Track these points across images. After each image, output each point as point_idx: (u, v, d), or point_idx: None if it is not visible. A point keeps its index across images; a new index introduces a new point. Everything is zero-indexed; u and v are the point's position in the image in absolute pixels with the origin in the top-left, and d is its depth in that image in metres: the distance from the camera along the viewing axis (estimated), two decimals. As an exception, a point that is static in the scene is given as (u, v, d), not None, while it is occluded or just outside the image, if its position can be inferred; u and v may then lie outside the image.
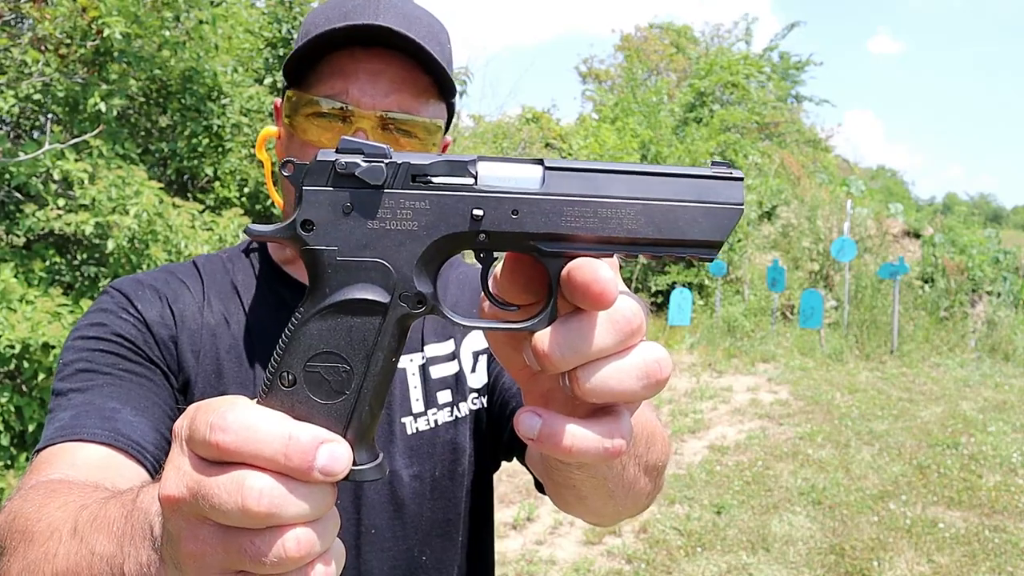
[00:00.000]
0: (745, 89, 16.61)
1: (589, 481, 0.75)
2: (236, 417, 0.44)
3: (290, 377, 0.48)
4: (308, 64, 0.98)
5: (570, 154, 13.08)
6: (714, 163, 0.51)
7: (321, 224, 0.49)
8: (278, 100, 1.09)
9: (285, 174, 0.49)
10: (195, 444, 0.45)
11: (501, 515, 4.70)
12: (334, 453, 0.45)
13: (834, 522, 4.77)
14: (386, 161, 0.49)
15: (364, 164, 0.48)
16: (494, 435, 1.10)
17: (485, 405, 1.10)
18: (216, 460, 0.45)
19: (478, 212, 0.49)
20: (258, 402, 0.48)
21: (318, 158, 0.49)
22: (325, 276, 0.49)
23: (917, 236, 13.62)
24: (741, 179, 0.50)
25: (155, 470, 0.87)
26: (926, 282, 11.67)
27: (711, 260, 0.51)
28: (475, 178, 0.49)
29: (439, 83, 1.00)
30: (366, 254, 0.49)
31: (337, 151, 0.49)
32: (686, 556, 4.34)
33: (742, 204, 0.50)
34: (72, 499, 0.68)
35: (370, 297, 0.48)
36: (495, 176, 0.49)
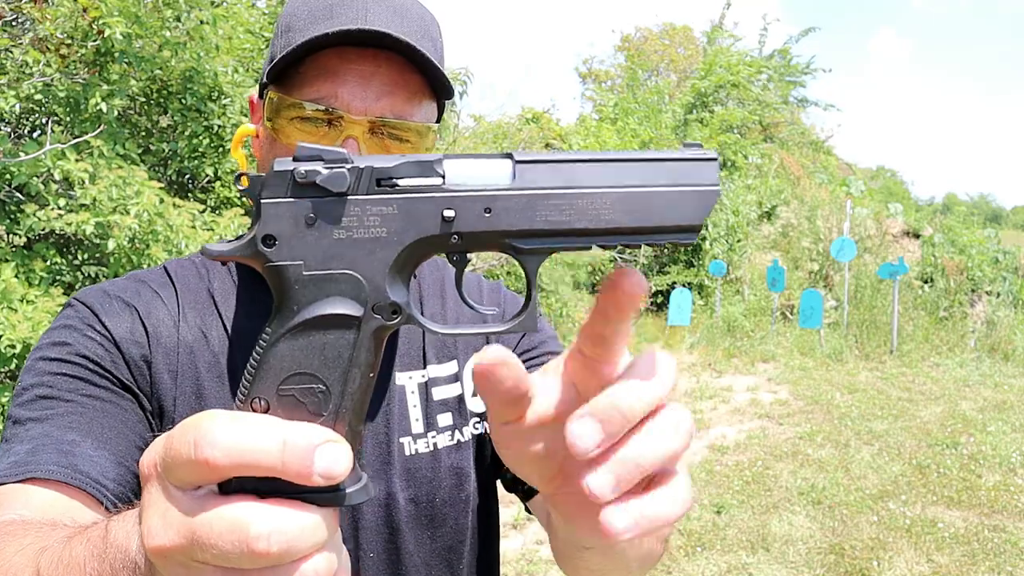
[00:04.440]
0: (746, 89, 16.60)
1: (609, 563, 0.71)
2: (222, 430, 0.41)
3: (263, 403, 0.45)
4: (291, 61, 0.90)
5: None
6: (685, 145, 0.49)
7: (283, 238, 0.46)
8: (253, 95, 1.01)
9: (240, 188, 0.46)
10: (176, 471, 0.42)
11: (501, 515, 4.70)
12: (333, 454, 0.42)
13: (834, 522, 4.78)
14: (348, 166, 0.46)
15: (325, 171, 0.45)
16: (497, 463, 1.06)
17: (488, 431, 1.05)
18: (202, 483, 0.42)
19: (449, 213, 0.46)
20: None
21: (275, 168, 0.46)
22: (292, 293, 0.46)
23: (917, 236, 13.62)
24: (715, 159, 0.48)
25: (114, 507, 0.79)
26: (926, 282, 11.67)
27: (691, 244, 0.49)
28: (443, 178, 0.47)
29: (431, 82, 0.94)
30: (334, 266, 0.46)
31: (294, 159, 0.46)
32: (686, 556, 4.35)
33: (718, 185, 0.48)
34: (29, 541, 0.63)
35: (342, 311, 0.46)
36: (463, 174, 0.47)
